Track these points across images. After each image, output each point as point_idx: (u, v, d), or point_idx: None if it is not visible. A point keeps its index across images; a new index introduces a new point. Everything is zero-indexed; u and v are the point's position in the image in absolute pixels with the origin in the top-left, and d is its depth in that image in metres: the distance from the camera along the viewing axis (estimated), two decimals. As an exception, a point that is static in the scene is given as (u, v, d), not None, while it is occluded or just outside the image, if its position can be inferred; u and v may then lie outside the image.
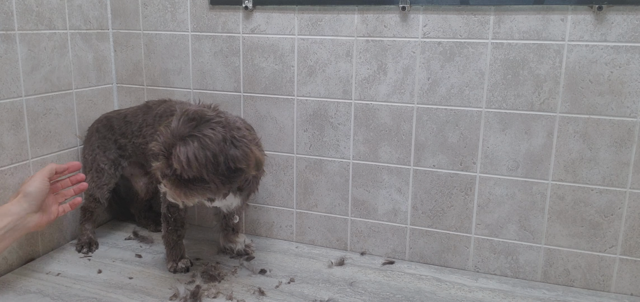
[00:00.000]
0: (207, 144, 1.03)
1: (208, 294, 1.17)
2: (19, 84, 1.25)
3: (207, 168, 1.03)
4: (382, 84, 1.29)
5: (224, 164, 1.05)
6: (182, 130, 1.04)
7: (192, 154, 1.02)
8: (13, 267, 1.28)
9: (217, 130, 1.05)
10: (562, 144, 1.18)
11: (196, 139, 1.03)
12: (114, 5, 1.50)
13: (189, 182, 1.06)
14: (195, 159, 1.02)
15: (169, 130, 1.05)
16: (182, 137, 1.03)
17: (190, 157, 1.02)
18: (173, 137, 1.04)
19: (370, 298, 1.17)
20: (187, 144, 1.03)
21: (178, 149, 1.03)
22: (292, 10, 1.32)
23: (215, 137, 1.04)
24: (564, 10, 1.13)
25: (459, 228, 1.30)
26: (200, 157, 1.02)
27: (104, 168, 1.38)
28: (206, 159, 1.03)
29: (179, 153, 1.02)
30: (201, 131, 1.04)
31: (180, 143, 1.03)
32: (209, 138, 1.03)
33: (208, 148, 1.03)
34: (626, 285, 1.20)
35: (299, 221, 1.45)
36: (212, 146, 1.03)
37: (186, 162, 1.02)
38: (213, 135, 1.04)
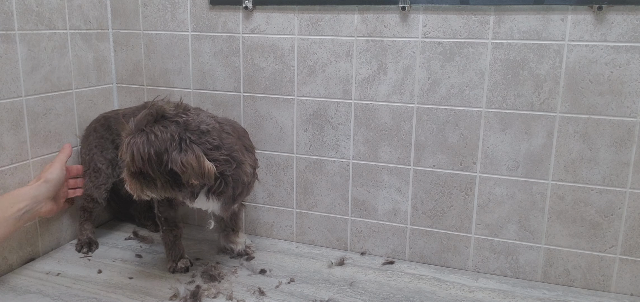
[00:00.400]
0: (152, 140, 1.03)
1: (208, 294, 1.17)
2: (19, 84, 1.25)
3: (150, 164, 1.03)
4: (382, 84, 1.29)
5: (167, 164, 1.04)
6: (139, 123, 1.06)
7: (136, 148, 1.03)
8: (13, 267, 1.28)
9: (169, 129, 1.04)
10: (562, 144, 1.18)
11: (144, 134, 1.04)
12: (114, 5, 1.50)
13: (140, 176, 1.06)
14: (138, 153, 1.02)
15: (133, 121, 1.07)
16: (137, 130, 1.05)
17: (134, 151, 1.03)
18: (133, 128, 1.06)
19: (370, 298, 1.17)
20: (135, 138, 1.04)
21: (128, 140, 1.05)
22: (292, 10, 1.32)
23: (162, 136, 1.03)
24: (564, 10, 1.13)
25: (459, 228, 1.30)
26: (143, 153, 1.02)
27: (101, 168, 1.38)
28: (149, 156, 1.02)
29: (126, 145, 1.04)
30: (152, 127, 1.04)
31: (131, 136, 1.05)
32: (155, 135, 1.03)
33: (152, 145, 1.03)
34: (626, 285, 1.20)
35: (299, 221, 1.45)
36: (156, 143, 1.03)
37: (130, 155, 1.04)
38: (160, 133, 1.03)
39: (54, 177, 1.24)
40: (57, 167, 1.26)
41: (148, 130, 1.04)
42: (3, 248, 1.25)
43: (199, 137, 1.07)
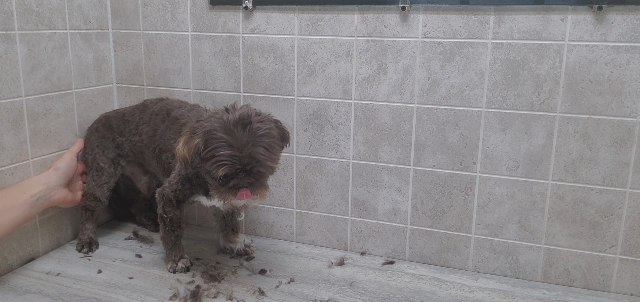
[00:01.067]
0: (271, 134, 1.09)
1: (208, 294, 1.17)
2: (19, 84, 1.25)
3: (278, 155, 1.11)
4: (382, 84, 1.29)
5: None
6: (247, 136, 1.06)
7: (268, 151, 1.07)
8: (13, 267, 1.28)
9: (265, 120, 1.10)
10: (562, 144, 1.18)
11: (264, 136, 1.07)
12: (114, 5, 1.50)
13: (263, 176, 1.10)
14: (272, 153, 1.08)
15: (229, 146, 1.05)
16: (254, 142, 1.06)
17: (268, 154, 1.07)
18: (244, 146, 1.05)
19: (370, 298, 1.17)
20: (262, 144, 1.06)
21: (259, 152, 1.06)
22: (292, 10, 1.32)
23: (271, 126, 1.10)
24: (564, 10, 1.13)
25: (459, 228, 1.30)
26: (274, 149, 1.09)
27: (104, 167, 1.38)
28: (277, 148, 1.10)
29: (262, 157, 1.06)
30: (260, 126, 1.08)
31: (256, 148, 1.05)
32: (268, 129, 1.09)
33: (273, 137, 1.09)
34: (626, 285, 1.20)
35: (299, 221, 1.45)
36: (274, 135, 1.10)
37: (270, 160, 1.08)
38: (269, 125, 1.10)
39: (64, 165, 1.31)
40: (68, 156, 1.33)
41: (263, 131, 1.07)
42: (3, 248, 1.25)
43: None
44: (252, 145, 1.05)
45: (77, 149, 1.37)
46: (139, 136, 1.33)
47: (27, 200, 1.20)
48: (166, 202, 1.23)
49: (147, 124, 1.31)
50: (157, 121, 1.30)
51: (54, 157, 1.36)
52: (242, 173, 1.06)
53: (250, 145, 1.05)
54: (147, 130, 1.31)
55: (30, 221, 1.32)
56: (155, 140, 1.29)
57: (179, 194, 1.21)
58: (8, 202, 1.17)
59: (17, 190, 1.21)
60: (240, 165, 1.05)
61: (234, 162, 1.05)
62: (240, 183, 1.07)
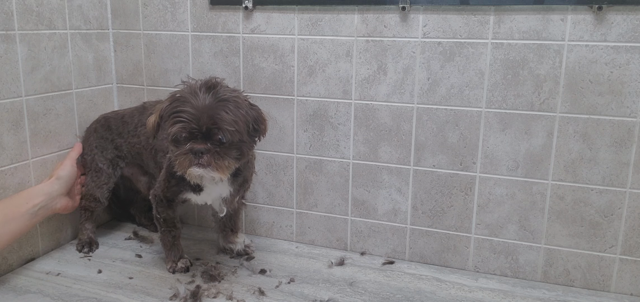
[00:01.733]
0: (239, 104, 1.07)
1: (208, 294, 1.17)
2: (19, 84, 1.25)
3: (244, 128, 1.06)
4: (382, 84, 1.29)
5: (252, 123, 1.09)
6: (209, 100, 1.04)
7: (233, 116, 1.04)
8: (13, 267, 1.28)
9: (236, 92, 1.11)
10: (562, 144, 1.18)
11: (230, 101, 1.05)
12: (114, 5, 1.50)
13: (226, 149, 1.05)
14: (236, 120, 1.04)
15: (191, 106, 1.03)
16: (215, 105, 1.03)
17: (233, 119, 1.04)
18: (205, 108, 1.02)
19: (370, 298, 1.17)
20: (226, 109, 1.03)
21: (220, 115, 1.02)
22: (292, 10, 1.32)
23: (240, 97, 1.09)
24: (564, 10, 1.13)
25: (459, 228, 1.30)
26: (240, 118, 1.05)
27: (103, 168, 1.38)
28: (243, 119, 1.06)
29: (223, 118, 1.02)
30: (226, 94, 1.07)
31: (218, 111, 1.02)
32: (236, 98, 1.08)
33: (240, 108, 1.06)
34: (626, 285, 1.20)
35: (299, 221, 1.45)
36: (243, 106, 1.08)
37: (234, 124, 1.03)
38: (238, 96, 1.09)
39: (66, 173, 1.30)
40: (68, 164, 1.32)
41: (230, 97, 1.06)
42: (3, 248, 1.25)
43: None
44: (213, 107, 1.02)
45: (76, 154, 1.36)
46: (137, 138, 1.33)
47: (28, 210, 1.19)
48: (158, 202, 1.23)
49: (145, 126, 1.31)
50: None
51: (54, 157, 1.36)
52: (199, 136, 1.03)
53: (210, 108, 1.02)
54: (144, 132, 1.31)
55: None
56: (151, 141, 1.29)
57: (167, 192, 1.20)
58: (9, 212, 1.16)
59: (18, 200, 1.19)
60: (197, 126, 1.01)
61: (190, 121, 1.01)
62: (198, 147, 1.02)
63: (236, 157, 1.08)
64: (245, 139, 1.08)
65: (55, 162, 1.36)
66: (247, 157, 1.13)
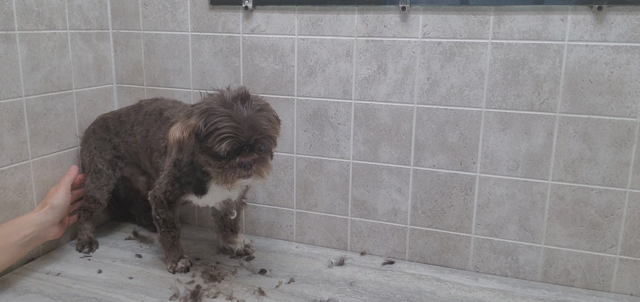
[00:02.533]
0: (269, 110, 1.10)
1: (208, 294, 1.17)
2: (19, 84, 1.25)
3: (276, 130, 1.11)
4: (382, 84, 1.29)
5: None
6: (248, 111, 1.05)
7: (270, 124, 1.07)
8: (13, 267, 1.28)
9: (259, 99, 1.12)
10: (562, 144, 1.18)
11: (264, 110, 1.08)
12: (114, 5, 1.50)
13: (266, 154, 1.10)
14: (273, 128, 1.09)
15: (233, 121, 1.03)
16: (256, 117, 1.06)
17: (271, 127, 1.08)
18: (248, 121, 1.04)
19: (370, 298, 1.17)
20: (264, 118, 1.07)
21: (263, 125, 1.05)
22: (292, 10, 1.32)
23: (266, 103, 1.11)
24: (564, 10, 1.13)
25: (459, 228, 1.30)
26: (275, 125, 1.10)
27: (102, 169, 1.38)
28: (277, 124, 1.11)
29: (266, 129, 1.06)
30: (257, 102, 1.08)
31: (259, 122, 1.05)
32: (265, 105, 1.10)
33: (272, 113, 1.10)
34: (626, 285, 1.20)
35: (299, 221, 1.45)
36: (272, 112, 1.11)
37: (274, 131, 1.09)
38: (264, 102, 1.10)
39: (60, 202, 1.25)
40: (62, 191, 1.27)
41: (262, 105, 1.08)
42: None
43: None
44: (253, 118, 1.04)
45: (71, 180, 1.31)
46: (133, 137, 1.33)
47: (18, 241, 1.15)
48: (158, 203, 1.23)
49: (140, 125, 1.31)
50: (150, 121, 1.30)
51: (54, 157, 1.36)
52: (246, 148, 1.05)
53: (251, 119, 1.04)
54: (140, 131, 1.31)
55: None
56: (147, 140, 1.29)
57: (169, 194, 1.20)
58: (0, 243, 1.12)
59: (8, 230, 1.15)
60: (244, 138, 1.03)
61: (238, 135, 1.02)
62: (246, 160, 1.04)
63: (270, 160, 1.13)
64: (276, 142, 1.12)
65: (55, 162, 1.36)
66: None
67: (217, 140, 1.02)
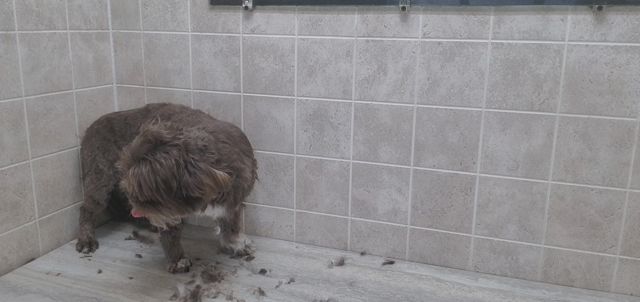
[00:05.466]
0: (157, 169, 1.01)
1: (208, 294, 1.17)
2: (19, 84, 1.25)
3: (159, 192, 1.02)
4: (382, 84, 1.29)
5: (178, 189, 1.03)
6: (138, 152, 1.03)
7: (142, 178, 1.01)
8: (13, 267, 1.28)
9: (171, 155, 1.03)
10: (562, 144, 1.18)
11: (148, 163, 1.02)
12: (114, 5, 1.50)
13: (148, 203, 1.05)
14: (145, 183, 1.01)
15: (128, 150, 1.04)
16: (137, 160, 1.03)
17: (141, 181, 1.01)
18: (131, 158, 1.03)
19: (370, 298, 1.17)
20: (139, 168, 1.02)
21: (131, 171, 1.02)
22: (292, 10, 1.32)
23: (166, 163, 1.02)
24: (564, 10, 1.13)
25: (459, 228, 1.30)
26: (150, 182, 1.01)
27: (103, 169, 1.38)
28: (156, 184, 1.01)
29: (131, 176, 1.02)
30: (154, 155, 1.02)
31: (134, 165, 1.02)
32: (160, 163, 1.02)
33: (158, 173, 1.01)
34: (626, 285, 1.20)
35: (299, 221, 1.45)
36: (162, 172, 1.01)
37: (137, 185, 1.02)
38: (164, 160, 1.02)
39: None
40: None
41: (151, 159, 1.02)
42: (3, 248, 1.25)
43: (201, 155, 1.06)
44: (133, 163, 1.03)
45: None
46: None
47: None
48: None
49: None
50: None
51: (53, 157, 1.36)
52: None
53: (131, 161, 1.04)
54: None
55: (30, 221, 1.32)
56: None
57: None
58: None
59: None
60: (126, 168, 1.04)
61: (123, 162, 1.05)
62: (125, 186, 1.06)
63: (166, 209, 1.06)
64: (162, 200, 1.04)
65: (55, 162, 1.37)
66: (179, 213, 1.08)
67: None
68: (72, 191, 1.44)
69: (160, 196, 1.03)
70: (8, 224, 1.26)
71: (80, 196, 1.46)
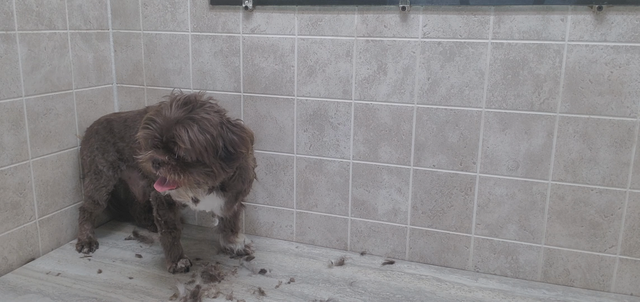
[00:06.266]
0: (206, 127, 1.03)
1: (208, 294, 1.17)
2: (19, 84, 1.25)
3: (207, 151, 1.03)
4: (382, 84, 1.29)
5: (223, 148, 1.05)
6: (178, 114, 1.03)
7: (194, 136, 1.01)
8: (13, 267, 1.28)
9: (213, 115, 1.05)
10: (562, 144, 1.18)
11: (195, 122, 1.02)
12: (114, 5, 1.50)
13: (189, 166, 1.04)
14: (197, 141, 1.01)
15: (161, 116, 1.03)
16: (180, 121, 1.02)
17: (193, 138, 1.01)
18: (169, 121, 1.02)
19: (370, 298, 1.17)
20: (188, 127, 1.02)
21: (179, 130, 1.01)
22: (292, 10, 1.32)
23: (213, 121, 1.04)
24: (564, 10, 1.13)
25: (459, 228, 1.30)
26: (201, 141, 1.02)
27: (103, 170, 1.38)
28: (207, 143, 1.02)
29: (180, 134, 1.01)
30: (199, 114, 1.04)
31: (178, 126, 1.02)
32: (208, 121, 1.03)
33: (208, 131, 1.03)
34: (626, 285, 1.20)
35: (299, 221, 1.45)
36: (211, 130, 1.03)
37: (189, 143, 1.01)
38: (210, 118, 1.04)
39: None
40: None
41: (198, 118, 1.03)
42: (3, 248, 1.25)
43: (231, 117, 1.10)
44: (178, 123, 1.02)
45: None
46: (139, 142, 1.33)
47: None
48: (159, 205, 1.23)
49: None
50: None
51: (53, 157, 1.36)
52: (161, 146, 1.03)
53: (176, 122, 1.02)
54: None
55: (30, 220, 1.32)
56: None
57: (169, 197, 1.21)
58: None
59: None
60: (159, 135, 1.02)
61: (154, 129, 1.02)
62: (155, 155, 1.03)
63: (205, 174, 1.06)
64: (207, 160, 1.05)
65: (55, 162, 1.37)
66: (217, 177, 1.08)
67: (139, 128, 1.05)
68: (72, 191, 1.44)
69: (207, 156, 1.03)
70: (8, 224, 1.26)
71: (80, 196, 1.46)
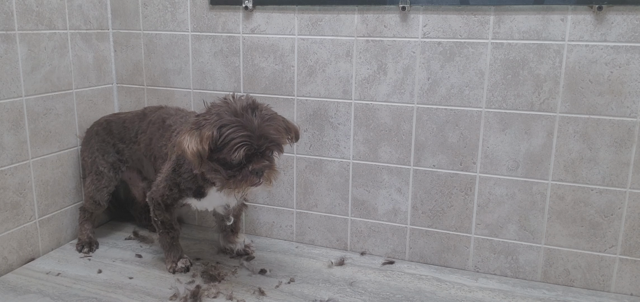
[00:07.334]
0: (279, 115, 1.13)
1: (208, 294, 1.17)
2: (19, 84, 1.25)
3: (286, 135, 1.13)
4: (382, 84, 1.29)
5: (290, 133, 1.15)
6: (243, 110, 1.07)
7: (279, 123, 1.10)
8: (13, 267, 1.28)
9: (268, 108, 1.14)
10: (562, 144, 1.18)
11: (274, 118, 1.10)
12: (114, 5, 1.50)
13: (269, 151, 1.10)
14: (281, 127, 1.11)
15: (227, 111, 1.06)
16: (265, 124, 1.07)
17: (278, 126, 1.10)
18: (257, 128, 1.06)
19: (370, 298, 1.17)
20: (275, 125, 1.09)
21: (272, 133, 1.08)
22: (292, 10, 1.32)
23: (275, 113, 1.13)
24: (564, 10, 1.13)
25: (459, 228, 1.30)
26: (281, 126, 1.11)
27: (104, 171, 1.38)
28: (286, 127, 1.13)
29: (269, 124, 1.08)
30: (267, 111, 1.11)
31: (269, 129, 1.07)
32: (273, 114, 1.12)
33: (282, 119, 1.13)
34: (626, 285, 1.20)
35: (299, 221, 1.45)
36: (280, 121, 1.12)
37: (284, 129, 1.11)
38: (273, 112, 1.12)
39: None
40: None
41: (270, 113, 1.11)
42: (3, 248, 1.25)
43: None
44: (263, 127, 1.06)
45: None
46: (137, 145, 1.33)
47: None
48: (155, 205, 1.23)
49: (144, 133, 1.31)
50: (154, 130, 1.30)
51: (53, 157, 1.36)
52: (258, 155, 1.07)
53: (261, 127, 1.05)
54: (144, 139, 1.31)
55: (30, 220, 1.32)
56: (151, 148, 1.29)
57: (167, 198, 1.21)
58: None
59: None
60: (256, 146, 1.05)
61: (252, 143, 1.04)
62: (259, 167, 1.06)
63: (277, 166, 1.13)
64: (283, 149, 1.13)
65: (55, 162, 1.37)
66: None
67: (233, 150, 1.03)
68: (72, 191, 1.44)
69: (285, 139, 1.12)
70: (8, 224, 1.26)
71: (80, 195, 1.46)
